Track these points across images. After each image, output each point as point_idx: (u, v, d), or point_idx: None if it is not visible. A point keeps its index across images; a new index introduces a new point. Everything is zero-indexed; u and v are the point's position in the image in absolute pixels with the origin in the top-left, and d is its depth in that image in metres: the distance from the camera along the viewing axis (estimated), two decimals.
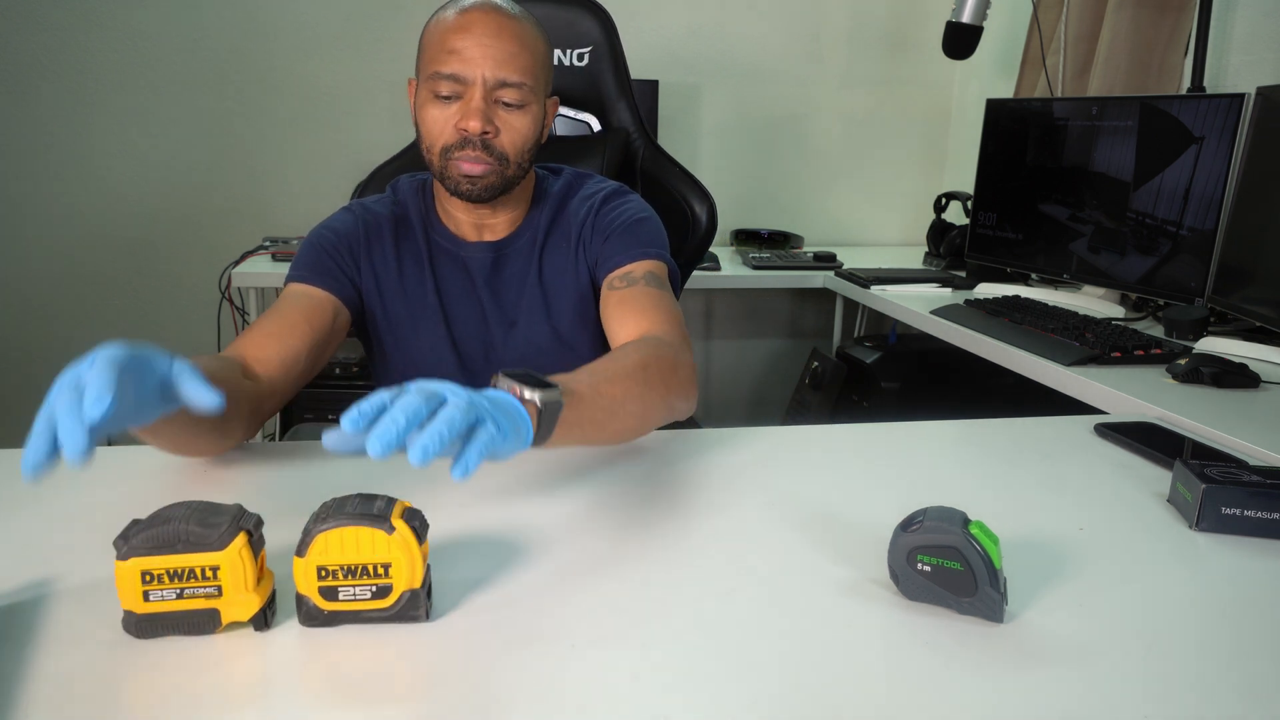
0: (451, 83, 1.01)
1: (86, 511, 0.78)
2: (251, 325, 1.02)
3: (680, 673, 0.57)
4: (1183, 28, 1.97)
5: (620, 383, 0.83)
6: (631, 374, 0.86)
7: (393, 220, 1.14)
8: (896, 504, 0.81)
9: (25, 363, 2.62)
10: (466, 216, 1.13)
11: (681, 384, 0.93)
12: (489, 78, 1.00)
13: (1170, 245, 1.70)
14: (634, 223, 1.12)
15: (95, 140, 2.52)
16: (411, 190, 1.17)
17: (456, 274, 1.14)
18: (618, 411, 0.83)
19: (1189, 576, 0.72)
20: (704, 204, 1.44)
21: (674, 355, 0.94)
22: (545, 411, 0.69)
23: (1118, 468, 0.95)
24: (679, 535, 0.76)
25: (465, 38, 1.00)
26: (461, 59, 1.00)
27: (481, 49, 1.00)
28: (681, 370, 0.94)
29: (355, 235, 1.12)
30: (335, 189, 2.62)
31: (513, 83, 1.01)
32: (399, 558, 0.59)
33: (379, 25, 2.59)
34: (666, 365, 0.91)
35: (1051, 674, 0.57)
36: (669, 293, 1.08)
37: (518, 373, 0.71)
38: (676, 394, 0.92)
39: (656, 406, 0.89)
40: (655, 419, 0.91)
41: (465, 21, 1.01)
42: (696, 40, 2.78)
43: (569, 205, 1.16)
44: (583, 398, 0.76)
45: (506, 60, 1.01)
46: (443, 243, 1.14)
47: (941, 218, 2.47)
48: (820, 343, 2.98)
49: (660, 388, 0.89)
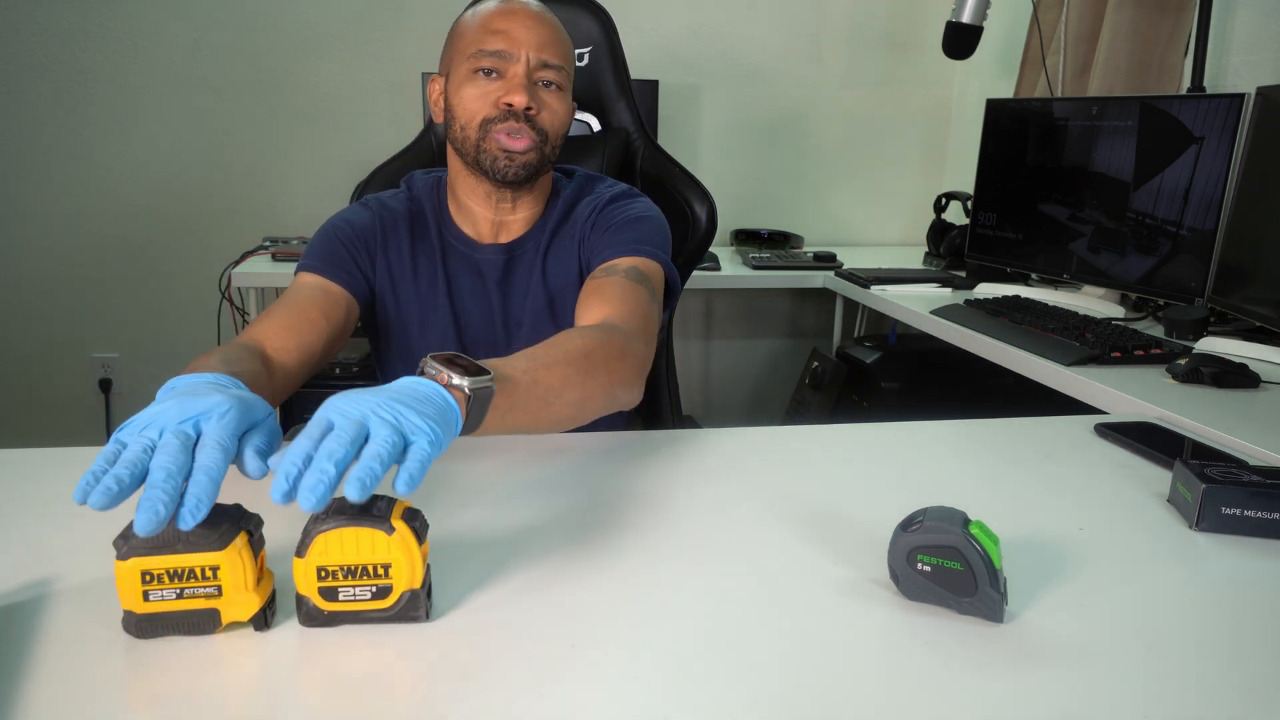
0: (495, 59, 1.03)
1: (86, 511, 0.78)
2: (266, 313, 1.01)
3: (680, 673, 0.57)
4: (1183, 28, 1.97)
5: (558, 369, 0.81)
6: (572, 360, 0.83)
7: (408, 217, 1.14)
8: (896, 504, 0.81)
9: (25, 363, 2.62)
10: (486, 212, 1.12)
11: (625, 372, 0.90)
12: (533, 58, 1.04)
13: (1170, 245, 1.70)
14: (633, 220, 1.12)
15: (95, 140, 2.52)
16: (427, 188, 1.17)
17: (468, 275, 1.14)
18: (553, 400, 0.80)
19: (1189, 576, 0.72)
20: (704, 204, 1.44)
21: (623, 342, 0.91)
22: (474, 399, 0.66)
23: (1118, 468, 0.95)
24: (679, 535, 0.76)
25: (510, 19, 1.04)
26: (507, 38, 1.03)
27: (526, 30, 1.04)
28: (629, 358, 0.91)
29: (372, 231, 1.12)
30: (335, 189, 2.62)
31: (554, 65, 1.05)
32: (399, 558, 0.59)
33: (379, 25, 2.59)
34: (613, 352, 0.88)
35: (1051, 674, 0.57)
36: (646, 289, 1.04)
37: (446, 356, 0.68)
38: (619, 382, 0.89)
39: (596, 395, 0.86)
40: (594, 408, 0.87)
41: (510, 7, 1.06)
42: (696, 40, 2.78)
43: (576, 207, 1.16)
44: (517, 384, 0.74)
45: (549, 44, 1.05)
46: (456, 244, 1.14)
47: (941, 218, 2.47)
48: (820, 343, 2.98)
49: (602, 375, 0.86)
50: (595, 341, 0.88)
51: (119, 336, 2.65)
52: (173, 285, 2.64)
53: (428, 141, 1.46)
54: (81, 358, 2.65)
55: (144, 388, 2.69)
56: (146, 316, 2.65)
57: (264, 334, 0.97)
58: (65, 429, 2.67)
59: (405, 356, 1.15)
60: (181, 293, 2.64)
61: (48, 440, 2.80)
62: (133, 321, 2.65)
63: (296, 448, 0.56)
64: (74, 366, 2.65)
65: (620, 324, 0.96)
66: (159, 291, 2.64)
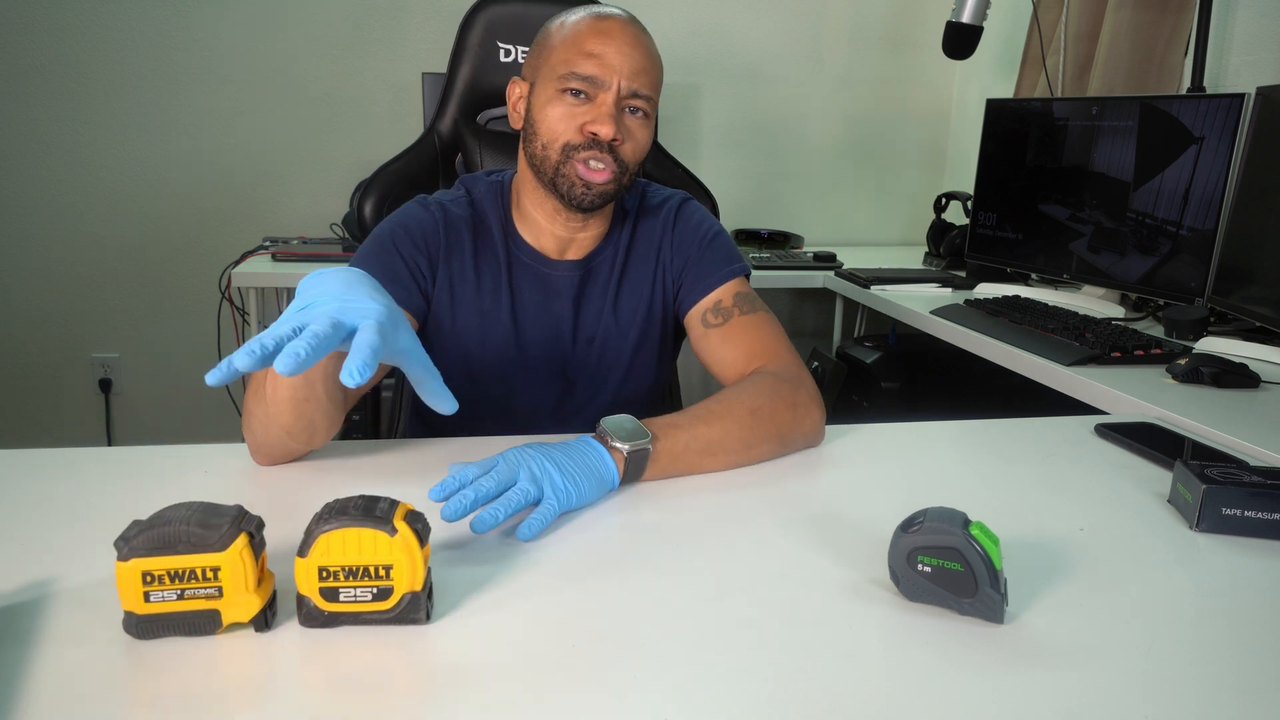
0: (587, 83, 1.00)
1: (86, 511, 0.78)
2: None
3: (680, 673, 0.57)
4: (1183, 28, 1.97)
5: (720, 423, 0.91)
6: (737, 417, 0.92)
7: (471, 225, 1.09)
8: (896, 504, 0.81)
9: (25, 363, 2.62)
10: (556, 229, 1.08)
11: (800, 419, 0.97)
12: (624, 86, 1.00)
13: (1170, 245, 1.70)
14: (711, 239, 1.13)
15: (95, 140, 2.52)
16: (490, 195, 1.11)
17: (536, 290, 1.10)
18: (716, 451, 0.90)
19: (1189, 577, 0.72)
20: (705, 204, 1.44)
21: (792, 393, 0.97)
22: (631, 460, 0.83)
23: (1118, 468, 0.95)
24: (679, 535, 0.76)
25: (606, 43, 1.00)
26: (600, 63, 0.99)
27: (621, 56, 1.00)
28: (799, 408, 0.97)
29: (435, 239, 1.06)
30: (335, 189, 2.62)
31: (643, 95, 1.01)
32: (400, 560, 0.59)
33: (379, 25, 2.59)
34: (782, 406, 0.95)
35: (1051, 674, 0.57)
36: (763, 310, 1.09)
37: (616, 420, 0.86)
38: (794, 430, 0.96)
39: (761, 444, 0.93)
40: (762, 454, 0.94)
41: (606, 28, 1.01)
42: (696, 40, 2.78)
43: (644, 220, 1.14)
44: (676, 441, 0.87)
45: (641, 72, 1.01)
46: (524, 258, 1.09)
47: (941, 218, 2.47)
48: (820, 343, 2.98)
49: (769, 427, 0.94)
50: (763, 399, 0.95)
51: (119, 336, 2.65)
52: (173, 285, 2.64)
53: (429, 142, 1.46)
54: (81, 358, 2.65)
55: (144, 388, 2.69)
56: (146, 316, 2.65)
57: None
58: (65, 429, 2.67)
59: (463, 370, 1.09)
60: (181, 293, 2.64)
61: (48, 440, 2.79)
62: (133, 321, 2.65)
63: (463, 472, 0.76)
64: (74, 366, 2.65)
65: (778, 369, 1.02)
66: (159, 292, 2.64)
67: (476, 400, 1.11)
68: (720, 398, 0.95)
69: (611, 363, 1.13)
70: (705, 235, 1.13)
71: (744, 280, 1.12)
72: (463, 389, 1.12)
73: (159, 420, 2.71)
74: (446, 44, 1.50)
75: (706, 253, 1.12)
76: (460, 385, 1.12)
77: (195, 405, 2.70)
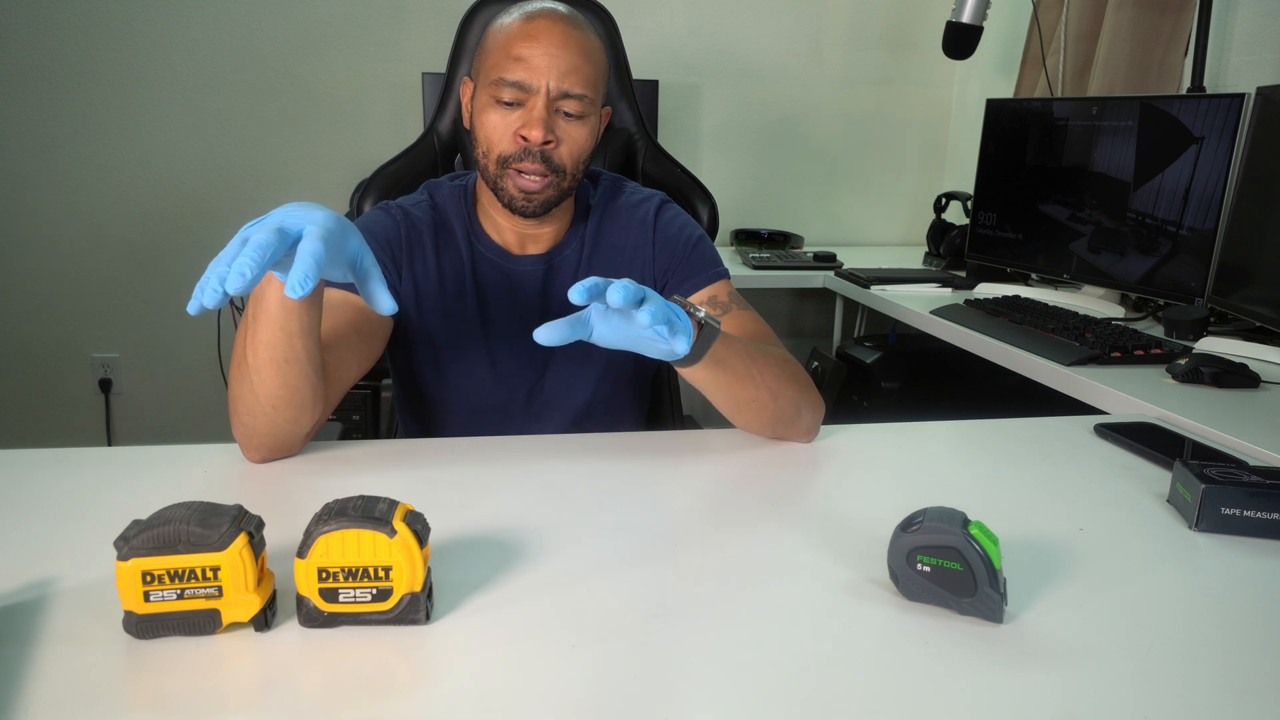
0: (515, 90, 0.99)
1: (86, 511, 0.78)
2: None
3: (680, 673, 0.57)
4: (1183, 28, 1.97)
5: (761, 360, 0.93)
6: (774, 361, 0.95)
7: (433, 227, 1.09)
8: (896, 504, 0.81)
9: (26, 363, 2.62)
10: (514, 225, 1.09)
11: (815, 399, 0.99)
12: (553, 88, 0.99)
13: (1170, 245, 1.70)
14: (696, 242, 1.13)
15: (95, 141, 2.52)
16: (453, 196, 1.12)
17: (501, 286, 1.10)
18: (755, 377, 0.92)
19: (1189, 577, 0.72)
20: (705, 204, 1.44)
21: (804, 374, 1.00)
22: (704, 329, 0.84)
23: (1118, 468, 0.95)
24: (678, 535, 0.76)
25: (532, 46, 0.98)
26: (527, 67, 0.98)
27: (548, 59, 0.98)
28: (811, 389, 0.99)
29: (396, 240, 1.07)
30: (335, 189, 2.62)
31: (575, 94, 1.00)
32: (400, 561, 0.59)
33: (379, 25, 2.59)
34: (804, 376, 0.99)
35: (1051, 674, 0.57)
36: (754, 310, 1.11)
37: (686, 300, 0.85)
38: (806, 401, 0.98)
39: (787, 398, 0.95)
40: (782, 407, 0.95)
41: (533, 29, 0.99)
42: (696, 40, 2.78)
43: (616, 216, 1.14)
44: (733, 343, 0.89)
45: (571, 71, 0.99)
46: (488, 254, 1.10)
47: (941, 218, 2.47)
48: (820, 343, 2.98)
49: (793, 386, 0.96)
50: (789, 360, 0.99)
51: (119, 336, 2.65)
52: (173, 285, 2.64)
53: (429, 142, 1.46)
54: (81, 358, 2.65)
55: (144, 388, 2.69)
56: (146, 316, 2.65)
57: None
58: (65, 429, 2.67)
59: (433, 370, 1.11)
60: (181, 293, 2.64)
61: (48, 440, 2.80)
62: (133, 321, 2.65)
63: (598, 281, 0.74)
64: (74, 366, 2.65)
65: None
66: (159, 291, 2.64)
67: (447, 396, 1.11)
68: (755, 342, 0.97)
69: (582, 357, 1.12)
70: (691, 237, 1.14)
71: (728, 282, 1.13)
72: (433, 387, 1.12)
73: (159, 420, 2.71)
74: (446, 44, 1.49)
75: (693, 254, 1.12)
76: (431, 382, 1.13)
77: (195, 405, 2.71)
